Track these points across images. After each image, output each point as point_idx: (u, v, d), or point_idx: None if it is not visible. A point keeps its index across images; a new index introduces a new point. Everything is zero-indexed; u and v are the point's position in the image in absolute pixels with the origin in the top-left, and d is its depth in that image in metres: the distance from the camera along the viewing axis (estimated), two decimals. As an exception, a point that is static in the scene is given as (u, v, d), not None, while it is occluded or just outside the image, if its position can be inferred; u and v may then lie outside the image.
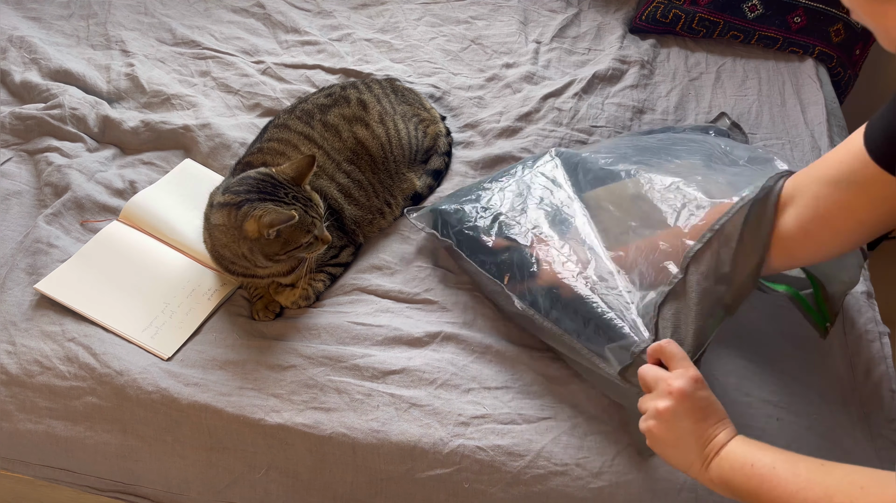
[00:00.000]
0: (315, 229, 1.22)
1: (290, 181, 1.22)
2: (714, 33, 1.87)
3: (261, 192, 1.20)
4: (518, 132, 1.62)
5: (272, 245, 1.20)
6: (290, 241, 1.20)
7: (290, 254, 1.22)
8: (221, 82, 1.73)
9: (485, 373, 1.22)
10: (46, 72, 1.71)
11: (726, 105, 1.71)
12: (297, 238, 1.20)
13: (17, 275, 1.33)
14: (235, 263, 1.26)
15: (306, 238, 1.21)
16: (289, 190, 1.21)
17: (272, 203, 1.19)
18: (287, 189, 1.21)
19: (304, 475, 1.16)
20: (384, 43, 1.86)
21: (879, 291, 1.36)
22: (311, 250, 1.24)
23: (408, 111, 1.53)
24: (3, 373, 1.21)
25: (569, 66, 1.80)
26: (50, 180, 1.48)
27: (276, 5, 1.95)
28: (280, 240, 1.20)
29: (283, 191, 1.21)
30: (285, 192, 1.21)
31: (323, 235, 1.23)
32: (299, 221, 1.18)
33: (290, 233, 1.19)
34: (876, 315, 1.28)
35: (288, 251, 1.21)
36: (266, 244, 1.20)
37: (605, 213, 1.24)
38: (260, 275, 1.28)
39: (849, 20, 1.83)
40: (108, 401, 1.18)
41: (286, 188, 1.21)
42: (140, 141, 1.60)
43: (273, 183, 1.21)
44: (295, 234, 1.20)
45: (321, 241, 1.24)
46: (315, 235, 1.22)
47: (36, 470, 1.23)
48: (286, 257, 1.23)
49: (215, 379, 1.20)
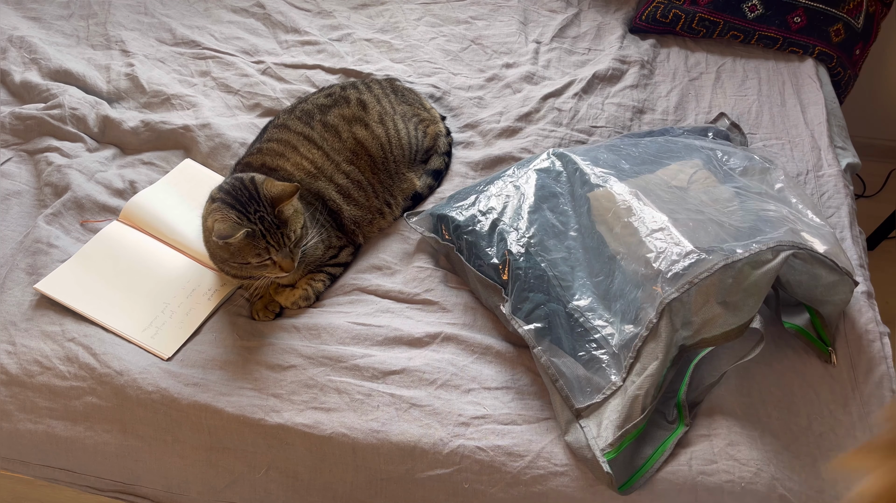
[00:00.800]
0: (271, 254, 1.20)
1: (268, 200, 1.20)
2: (714, 33, 1.87)
3: (235, 198, 1.20)
4: (518, 132, 1.62)
5: (221, 250, 1.22)
6: (238, 254, 1.20)
7: (241, 267, 1.22)
8: (221, 82, 1.73)
9: (485, 373, 1.22)
10: (46, 72, 1.71)
11: (726, 105, 1.71)
12: (244, 254, 1.20)
13: (17, 275, 1.33)
14: (226, 262, 1.26)
15: (255, 259, 1.20)
16: (260, 208, 1.19)
17: (236, 213, 1.19)
18: (259, 206, 1.19)
19: (304, 475, 1.16)
20: (384, 43, 1.86)
21: (879, 291, 1.36)
22: (264, 271, 1.23)
23: (408, 111, 1.53)
24: (3, 373, 1.21)
25: (569, 66, 1.80)
26: (50, 180, 1.48)
27: (276, 5, 1.95)
28: (228, 248, 1.20)
29: (255, 207, 1.19)
30: (255, 209, 1.19)
31: (281, 262, 1.21)
32: (246, 241, 1.18)
33: (239, 247, 1.19)
34: (876, 315, 1.28)
35: (238, 262, 1.22)
36: (216, 246, 1.22)
37: (594, 238, 1.25)
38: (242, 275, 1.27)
39: (849, 20, 1.83)
40: (108, 401, 1.18)
41: (259, 205, 1.19)
42: (140, 141, 1.60)
43: (250, 195, 1.20)
44: (244, 250, 1.20)
45: (277, 267, 1.22)
46: (272, 259, 1.21)
47: (36, 470, 1.23)
48: (237, 267, 1.23)
49: (215, 379, 1.20)
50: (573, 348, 1.16)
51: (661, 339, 1.10)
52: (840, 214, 1.46)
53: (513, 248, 1.25)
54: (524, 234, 1.27)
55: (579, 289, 1.21)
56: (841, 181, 1.52)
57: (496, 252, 1.27)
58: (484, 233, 1.29)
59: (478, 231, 1.30)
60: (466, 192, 1.40)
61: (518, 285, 1.22)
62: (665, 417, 1.14)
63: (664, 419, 1.14)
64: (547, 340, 1.17)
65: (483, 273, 1.27)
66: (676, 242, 1.15)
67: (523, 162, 1.42)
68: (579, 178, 1.31)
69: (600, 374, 1.14)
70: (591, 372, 1.14)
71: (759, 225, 1.19)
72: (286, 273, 1.22)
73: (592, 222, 1.26)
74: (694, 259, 1.12)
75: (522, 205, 1.31)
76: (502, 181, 1.37)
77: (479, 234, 1.29)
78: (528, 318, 1.19)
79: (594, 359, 1.15)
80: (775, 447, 1.12)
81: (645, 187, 1.26)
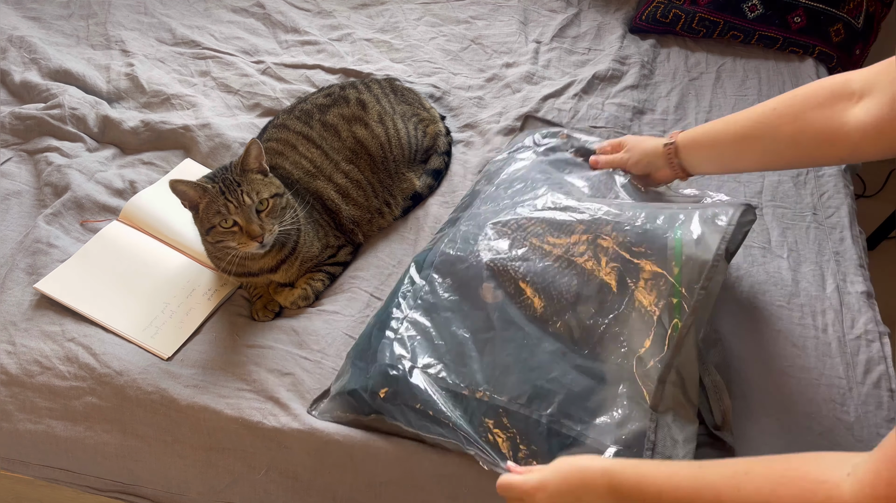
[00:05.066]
0: (231, 214, 1.18)
1: (237, 165, 1.21)
2: (714, 33, 1.87)
3: (213, 174, 1.23)
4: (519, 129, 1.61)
5: (197, 222, 1.23)
6: (205, 220, 1.21)
7: (216, 239, 1.21)
8: (221, 82, 1.73)
9: (484, 373, 1.21)
10: (46, 72, 1.71)
11: (726, 105, 1.71)
12: (209, 217, 1.19)
13: (17, 275, 1.33)
14: (222, 260, 1.26)
15: (218, 219, 1.18)
16: (227, 174, 1.21)
17: (206, 180, 1.21)
18: (227, 172, 1.21)
19: (303, 476, 1.16)
20: (384, 43, 1.86)
21: (879, 291, 1.36)
22: (234, 239, 1.19)
23: (407, 111, 1.53)
24: (3, 373, 1.21)
25: (569, 66, 1.80)
26: (50, 180, 1.48)
27: (276, 5, 1.95)
28: (199, 217, 1.21)
29: (223, 174, 1.21)
30: (222, 174, 1.21)
31: (248, 227, 1.18)
32: (207, 204, 1.18)
33: (204, 210, 1.20)
34: (876, 315, 1.28)
35: (208, 231, 1.21)
36: (194, 220, 1.23)
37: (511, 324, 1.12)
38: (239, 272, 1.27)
39: (849, 20, 1.83)
40: (107, 402, 1.18)
41: (227, 171, 1.22)
42: (140, 141, 1.60)
43: (225, 168, 1.23)
44: (207, 213, 1.20)
45: (246, 234, 1.19)
46: (235, 222, 1.18)
47: (36, 470, 1.23)
48: (212, 241, 1.22)
49: (215, 380, 1.20)
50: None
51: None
52: (840, 214, 1.46)
53: (491, 415, 1.07)
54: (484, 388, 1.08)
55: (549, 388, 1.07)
56: (841, 181, 1.52)
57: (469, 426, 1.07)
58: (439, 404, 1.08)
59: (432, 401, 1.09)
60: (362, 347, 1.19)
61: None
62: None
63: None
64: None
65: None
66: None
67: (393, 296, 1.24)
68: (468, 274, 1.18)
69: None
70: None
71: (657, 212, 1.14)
72: (256, 243, 1.18)
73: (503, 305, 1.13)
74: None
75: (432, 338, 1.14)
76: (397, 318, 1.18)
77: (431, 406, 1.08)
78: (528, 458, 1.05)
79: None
80: (774, 447, 1.12)
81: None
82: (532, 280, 1.13)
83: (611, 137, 1.40)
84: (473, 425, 1.06)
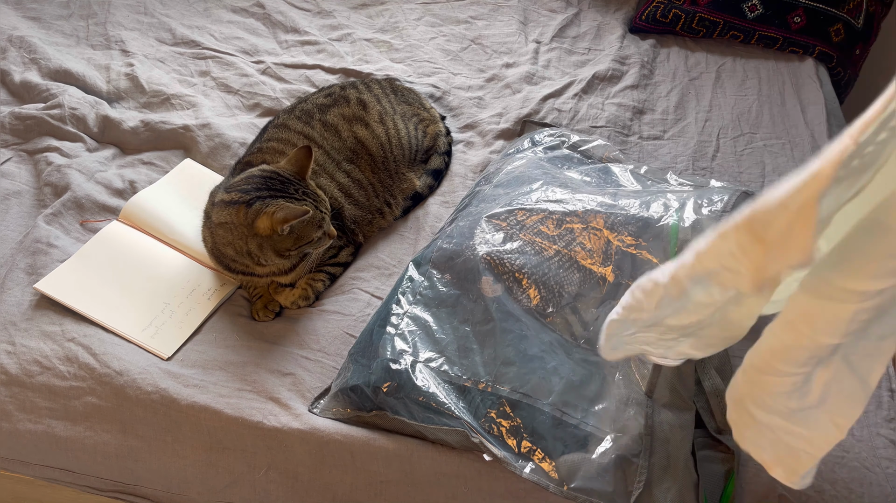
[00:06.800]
0: (325, 224, 1.23)
1: (294, 176, 1.22)
2: (714, 33, 1.87)
3: (270, 188, 1.20)
4: (518, 133, 1.61)
5: (284, 241, 1.20)
6: (302, 236, 1.21)
7: (300, 250, 1.23)
8: (221, 82, 1.73)
9: (484, 373, 1.22)
10: (46, 72, 1.71)
11: (726, 105, 1.71)
12: (308, 233, 1.21)
13: (17, 276, 1.33)
14: (236, 261, 1.26)
15: (317, 233, 1.22)
16: (297, 186, 1.22)
17: (283, 199, 1.19)
18: (296, 185, 1.22)
19: (303, 476, 1.16)
20: (384, 43, 1.86)
21: (879, 291, 1.36)
22: (318, 245, 1.24)
23: (407, 111, 1.53)
24: (3, 373, 1.20)
25: (569, 66, 1.80)
26: (50, 180, 1.48)
27: (275, 5, 1.95)
28: (292, 236, 1.20)
29: (293, 187, 1.21)
30: (294, 189, 1.21)
31: (329, 230, 1.24)
32: (311, 216, 1.18)
33: (302, 228, 1.20)
34: (876, 315, 1.28)
35: (299, 246, 1.22)
36: (278, 240, 1.20)
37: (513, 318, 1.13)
38: (259, 273, 1.28)
39: (849, 20, 1.83)
40: (107, 402, 1.18)
41: (294, 184, 1.22)
42: (140, 141, 1.60)
43: (280, 179, 1.22)
44: (307, 230, 1.20)
45: (328, 236, 1.25)
46: (324, 231, 1.23)
47: (36, 470, 1.23)
48: (296, 252, 1.23)
49: (215, 380, 1.20)
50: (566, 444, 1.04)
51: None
52: (840, 214, 1.46)
53: (482, 410, 1.07)
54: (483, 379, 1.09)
55: (549, 381, 1.08)
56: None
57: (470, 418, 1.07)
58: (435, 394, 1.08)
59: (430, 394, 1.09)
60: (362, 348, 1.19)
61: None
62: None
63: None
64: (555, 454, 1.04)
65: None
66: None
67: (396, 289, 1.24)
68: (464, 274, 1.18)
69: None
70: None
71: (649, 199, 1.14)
72: (331, 241, 1.25)
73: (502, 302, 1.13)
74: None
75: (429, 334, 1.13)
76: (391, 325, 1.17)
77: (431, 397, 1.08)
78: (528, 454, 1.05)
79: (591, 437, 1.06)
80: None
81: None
82: (528, 272, 1.13)
83: (611, 137, 1.40)
84: (477, 417, 1.06)
